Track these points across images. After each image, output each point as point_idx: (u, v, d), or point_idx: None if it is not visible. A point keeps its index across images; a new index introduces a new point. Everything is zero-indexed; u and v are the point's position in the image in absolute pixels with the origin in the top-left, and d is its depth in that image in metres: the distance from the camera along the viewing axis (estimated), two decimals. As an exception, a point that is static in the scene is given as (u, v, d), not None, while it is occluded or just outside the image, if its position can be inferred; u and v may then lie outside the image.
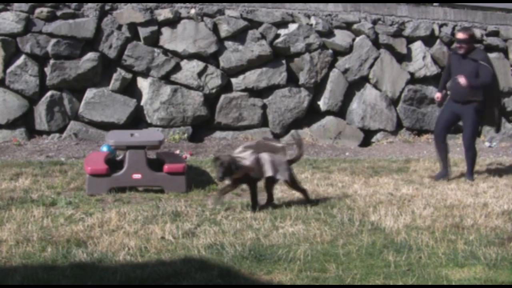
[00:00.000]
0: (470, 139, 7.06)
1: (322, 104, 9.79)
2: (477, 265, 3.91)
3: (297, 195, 5.89)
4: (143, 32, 9.01)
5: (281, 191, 6.05)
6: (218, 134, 9.38)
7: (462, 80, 6.70)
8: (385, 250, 4.18)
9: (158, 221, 4.78)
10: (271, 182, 5.47)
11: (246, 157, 5.24)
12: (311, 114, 9.83)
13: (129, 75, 9.01)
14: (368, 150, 9.52)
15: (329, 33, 9.90)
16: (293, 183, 5.54)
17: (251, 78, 9.42)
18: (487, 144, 10.39)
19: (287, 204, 5.47)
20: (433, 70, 10.37)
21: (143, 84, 9.10)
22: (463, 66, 6.90)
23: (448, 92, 7.29)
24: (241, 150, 5.41)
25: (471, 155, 7.09)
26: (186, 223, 4.72)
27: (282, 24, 9.68)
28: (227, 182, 5.35)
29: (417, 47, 10.40)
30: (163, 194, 5.81)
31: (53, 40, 8.63)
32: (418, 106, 10.28)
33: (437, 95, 7.28)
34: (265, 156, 5.29)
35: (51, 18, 8.68)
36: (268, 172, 5.26)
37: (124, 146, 6.02)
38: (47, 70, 8.67)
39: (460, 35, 6.96)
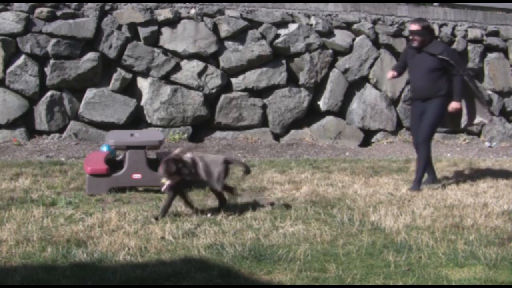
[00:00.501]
0: (426, 139, 6.40)
1: (322, 104, 9.79)
2: (477, 265, 3.91)
3: (297, 195, 5.89)
4: (143, 32, 9.01)
5: (281, 191, 6.06)
6: (218, 134, 9.38)
7: (453, 106, 6.27)
8: (385, 250, 4.18)
9: (158, 221, 4.78)
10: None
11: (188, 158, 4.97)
12: (311, 114, 9.83)
13: (129, 75, 9.01)
14: (368, 150, 9.52)
15: (329, 33, 9.90)
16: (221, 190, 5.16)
17: (251, 78, 9.42)
18: (487, 144, 10.40)
19: (287, 204, 5.47)
20: (433, 70, 10.36)
21: (143, 84, 9.10)
22: (418, 60, 6.37)
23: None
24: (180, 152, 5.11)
25: (422, 157, 6.39)
26: (186, 223, 4.72)
27: (282, 24, 9.68)
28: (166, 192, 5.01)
29: (417, 47, 10.39)
30: (163, 194, 5.80)
31: (53, 40, 8.63)
32: (418, 106, 10.28)
33: (389, 74, 6.69)
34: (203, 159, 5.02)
35: (51, 18, 8.68)
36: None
37: (124, 146, 6.02)
38: (47, 70, 8.67)
39: (412, 26, 6.37)
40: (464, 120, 6.62)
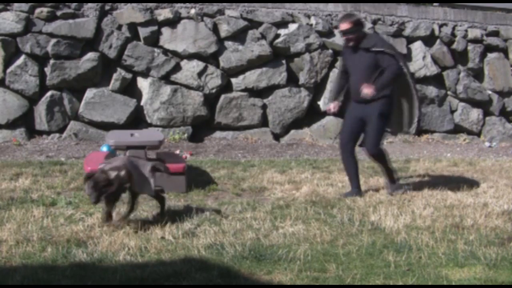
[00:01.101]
0: (375, 146, 5.85)
1: (322, 104, 9.79)
2: (477, 265, 3.91)
3: (297, 194, 5.89)
4: (143, 32, 9.01)
5: (281, 191, 6.05)
6: (218, 134, 9.38)
7: (365, 91, 5.60)
8: (385, 250, 4.18)
9: (158, 221, 4.78)
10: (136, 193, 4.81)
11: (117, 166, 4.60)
12: (311, 114, 9.83)
13: (129, 75, 9.01)
14: (368, 150, 9.51)
15: (329, 33, 9.90)
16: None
17: (251, 78, 9.42)
18: (487, 144, 10.40)
19: (287, 204, 5.47)
20: (433, 70, 10.37)
21: (143, 84, 9.10)
22: (357, 59, 5.81)
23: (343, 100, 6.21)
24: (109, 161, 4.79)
25: (380, 159, 5.96)
26: (186, 223, 4.72)
27: (282, 24, 9.68)
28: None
29: (417, 47, 10.40)
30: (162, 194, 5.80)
31: (53, 40, 8.63)
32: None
33: (329, 107, 6.16)
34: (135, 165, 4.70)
35: (51, 18, 8.69)
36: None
37: (124, 146, 6.01)
38: (47, 70, 8.67)
39: (343, 26, 5.80)
40: (404, 125, 6.11)
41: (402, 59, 5.91)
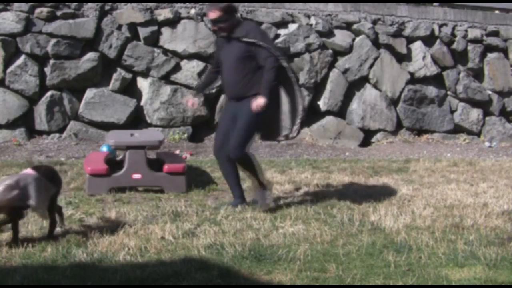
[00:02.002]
0: (238, 149, 5.06)
1: (322, 104, 9.79)
2: (477, 265, 3.91)
3: (297, 194, 5.89)
4: (143, 32, 9.01)
5: (281, 191, 6.06)
6: (218, 134, 9.37)
7: (255, 105, 4.92)
8: (385, 250, 4.18)
9: (158, 221, 4.78)
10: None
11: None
12: (311, 114, 9.82)
13: (129, 75, 9.01)
14: (368, 150, 9.52)
15: (329, 33, 9.90)
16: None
17: (251, 78, 9.41)
18: (487, 144, 10.40)
19: (287, 204, 5.47)
20: (433, 70, 10.37)
21: (143, 84, 9.10)
22: (227, 50, 5.15)
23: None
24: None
25: (244, 163, 5.15)
26: (186, 223, 4.72)
27: (282, 24, 9.68)
28: None
29: (417, 47, 10.40)
30: (163, 194, 5.81)
31: (53, 40, 8.63)
32: (418, 106, 10.28)
33: (187, 100, 5.52)
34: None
35: (51, 18, 8.68)
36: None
37: (124, 146, 6.02)
38: (47, 70, 8.67)
39: (211, 15, 5.09)
40: (282, 129, 5.36)
41: (278, 51, 5.17)
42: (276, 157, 8.43)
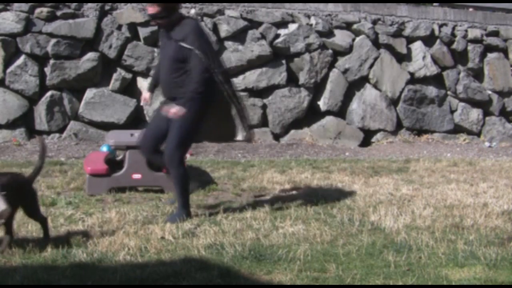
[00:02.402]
0: (174, 153, 4.84)
1: (322, 104, 9.79)
2: (477, 265, 3.91)
3: (297, 194, 5.89)
4: (143, 32, 9.01)
5: (281, 191, 6.06)
6: (218, 134, 9.37)
7: (172, 112, 4.73)
8: (385, 250, 4.19)
9: (158, 221, 4.78)
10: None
11: None
12: (311, 114, 9.83)
13: (129, 75, 9.01)
14: (368, 150, 9.52)
15: (329, 33, 9.90)
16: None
17: (251, 78, 9.42)
18: (487, 144, 10.40)
19: (287, 204, 5.47)
20: (433, 70, 10.37)
21: (143, 84, 9.09)
22: (166, 48, 4.92)
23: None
24: None
25: (176, 176, 4.87)
26: (186, 223, 4.72)
27: (282, 24, 9.68)
28: None
29: (417, 47, 10.40)
30: (163, 194, 5.81)
31: (53, 40, 8.63)
32: (418, 106, 10.28)
33: (145, 96, 5.33)
34: None
35: (51, 18, 8.68)
36: None
37: (124, 146, 6.02)
38: (47, 70, 8.67)
39: (150, 10, 4.84)
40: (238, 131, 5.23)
41: (216, 61, 4.93)
42: (276, 157, 8.43)
